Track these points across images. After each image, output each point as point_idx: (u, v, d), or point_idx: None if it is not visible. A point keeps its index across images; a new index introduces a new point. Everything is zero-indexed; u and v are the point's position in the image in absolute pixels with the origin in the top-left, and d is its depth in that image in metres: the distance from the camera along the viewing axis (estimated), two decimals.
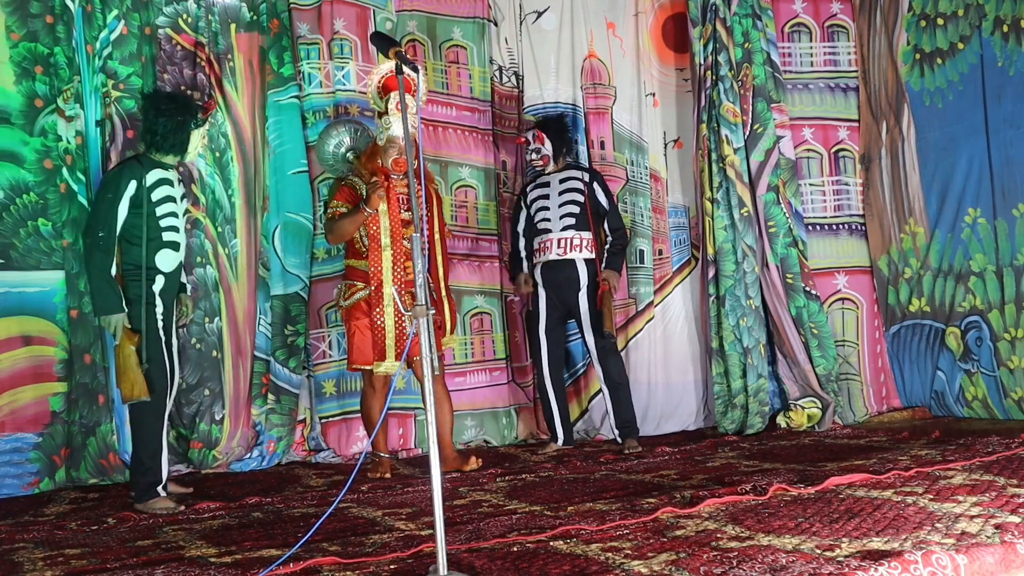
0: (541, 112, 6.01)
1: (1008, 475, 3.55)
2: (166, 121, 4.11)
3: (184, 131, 4.15)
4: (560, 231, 5.27)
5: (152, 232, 4.03)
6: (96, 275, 3.96)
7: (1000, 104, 5.38)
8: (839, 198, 6.12)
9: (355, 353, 4.64)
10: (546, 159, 5.38)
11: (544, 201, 5.36)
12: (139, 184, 3.99)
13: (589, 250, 5.28)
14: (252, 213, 5.26)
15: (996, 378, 5.41)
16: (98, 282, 3.96)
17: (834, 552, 2.58)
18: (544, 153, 5.37)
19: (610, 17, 6.21)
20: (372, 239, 4.61)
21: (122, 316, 3.95)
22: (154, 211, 4.03)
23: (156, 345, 4.02)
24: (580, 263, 5.26)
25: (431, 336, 2.66)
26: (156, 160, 4.13)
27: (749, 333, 5.64)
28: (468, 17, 5.92)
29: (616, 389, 5.23)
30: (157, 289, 4.06)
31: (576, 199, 5.27)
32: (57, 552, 3.21)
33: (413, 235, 2.70)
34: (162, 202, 4.05)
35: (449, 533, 2.85)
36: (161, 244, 4.06)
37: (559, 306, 5.33)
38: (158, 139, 4.13)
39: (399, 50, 3.08)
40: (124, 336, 3.95)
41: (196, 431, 5.01)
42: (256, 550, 3.07)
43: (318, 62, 5.53)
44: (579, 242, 5.26)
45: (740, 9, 5.79)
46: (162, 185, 4.07)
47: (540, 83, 6.07)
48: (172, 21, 5.09)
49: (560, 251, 5.26)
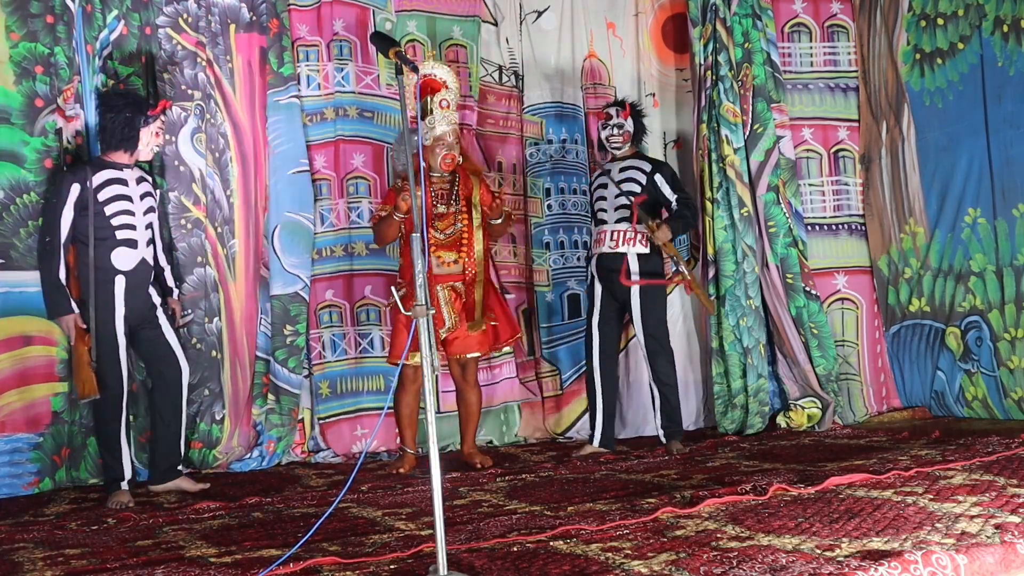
0: (542, 111, 6.01)
1: (1008, 475, 3.55)
2: (114, 116, 4.28)
3: (132, 126, 4.28)
4: (615, 223, 5.13)
5: (103, 232, 4.16)
6: (44, 279, 4.18)
7: (1000, 104, 5.38)
8: (839, 198, 6.12)
9: (393, 348, 4.86)
10: (627, 135, 5.17)
11: (603, 191, 5.23)
12: (83, 186, 4.14)
13: (643, 245, 5.09)
14: (252, 213, 5.26)
15: (996, 378, 5.41)
16: (46, 286, 4.18)
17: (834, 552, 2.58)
18: (627, 129, 5.17)
19: (610, 17, 6.21)
20: (405, 237, 4.75)
21: (72, 317, 4.12)
22: (102, 211, 4.16)
23: (109, 346, 4.16)
24: (632, 258, 5.08)
25: (431, 336, 2.66)
26: (107, 161, 4.28)
27: (749, 333, 5.63)
28: (467, 16, 5.91)
29: (664, 389, 5.09)
30: (119, 290, 4.19)
31: (633, 191, 5.09)
32: (57, 552, 3.21)
33: (413, 235, 2.70)
34: (111, 201, 4.18)
35: (449, 533, 2.85)
36: (116, 243, 4.19)
37: (614, 299, 5.20)
38: (107, 134, 4.28)
39: (399, 50, 3.08)
40: (76, 336, 4.12)
41: (196, 431, 5.01)
42: (256, 550, 3.07)
43: (317, 64, 5.53)
44: (633, 236, 5.09)
45: (740, 9, 5.79)
46: (111, 185, 4.20)
47: (540, 83, 6.08)
48: (172, 21, 5.08)
49: (612, 244, 5.12)
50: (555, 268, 6.00)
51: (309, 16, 5.52)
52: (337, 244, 5.52)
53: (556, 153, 6.04)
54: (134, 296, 4.24)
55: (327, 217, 5.50)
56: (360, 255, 5.52)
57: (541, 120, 6.08)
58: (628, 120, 5.19)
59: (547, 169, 6.03)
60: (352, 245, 5.51)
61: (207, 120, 5.09)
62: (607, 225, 5.17)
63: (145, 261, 4.30)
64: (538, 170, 6.03)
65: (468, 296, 4.79)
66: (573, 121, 6.13)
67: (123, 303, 4.20)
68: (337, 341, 5.48)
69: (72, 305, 4.14)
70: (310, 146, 5.45)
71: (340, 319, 5.50)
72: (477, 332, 4.79)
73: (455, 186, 4.81)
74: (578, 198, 6.07)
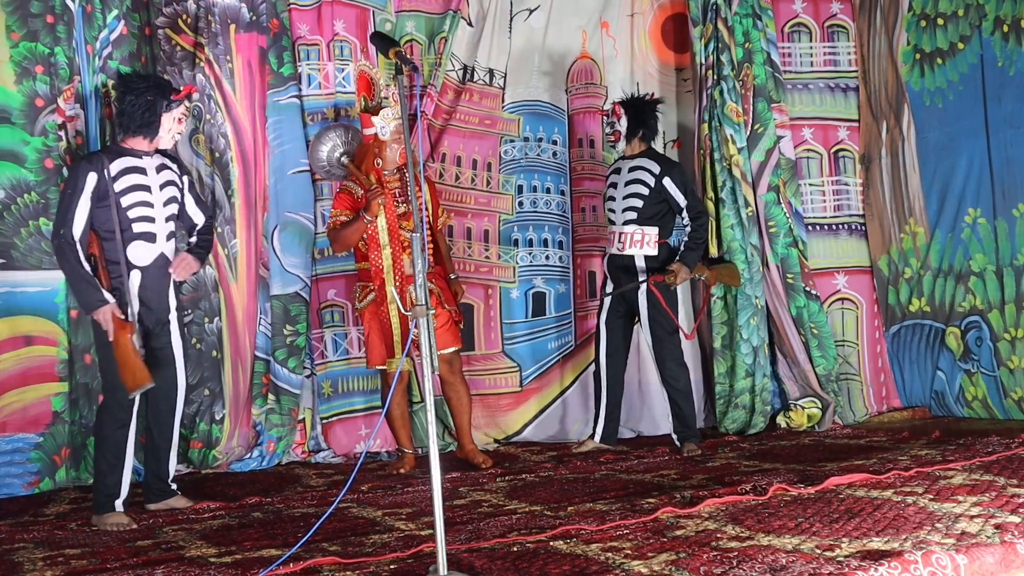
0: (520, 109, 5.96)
1: (1008, 475, 3.55)
2: (134, 99, 3.95)
3: (154, 111, 3.96)
4: (622, 225, 5.12)
5: (121, 224, 3.88)
6: (70, 274, 3.87)
7: (1000, 104, 5.38)
8: (839, 198, 6.12)
9: (370, 353, 4.81)
10: (617, 135, 5.19)
11: (612, 190, 5.22)
12: (100, 175, 3.85)
13: (652, 247, 5.08)
14: (252, 213, 5.26)
15: (996, 378, 5.41)
16: (73, 280, 3.88)
17: (834, 552, 2.58)
18: (617, 129, 5.19)
19: (604, 17, 6.18)
20: (371, 239, 4.70)
21: (108, 308, 3.80)
22: (119, 201, 3.87)
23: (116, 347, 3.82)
24: (639, 259, 5.08)
25: (431, 336, 2.66)
26: (125, 148, 3.98)
27: (757, 332, 5.62)
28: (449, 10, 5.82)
29: (673, 393, 5.08)
30: (134, 286, 3.90)
31: (640, 192, 5.09)
32: (57, 552, 3.22)
33: (413, 235, 2.70)
34: (128, 191, 3.89)
35: (449, 533, 2.85)
36: (132, 236, 3.91)
37: (622, 301, 5.19)
38: (126, 119, 3.97)
39: (399, 50, 3.09)
40: (116, 328, 3.79)
41: (196, 431, 5.01)
42: (256, 550, 3.08)
43: (318, 63, 5.53)
44: (640, 238, 5.07)
45: (740, 9, 5.78)
46: (129, 174, 3.91)
47: (524, 80, 6.02)
48: (172, 21, 5.08)
49: (620, 246, 5.12)
50: (522, 265, 5.93)
51: (309, 16, 5.52)
52: None
53: (531, 151, 6.02)
54: (150, 293, 3.96)
55: (328, 217, 5.50)
56: None
57: (519, 117, 6.04)
58: (621, 119, 5.19)
59: (521, 166, 6.01)
60: None
61: (207, 120, 5.09)
62: (615, 226, 5.18)
63: (164, 256, 3.99)
64: (512, 167, 6.00)
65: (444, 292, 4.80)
66: (552, 121, 6.07)
67: (137, 299, 3.91)
68: (339, 341, 5.48)
69: (105, 295, 3.81)
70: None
71: (342, 319, 5.50)
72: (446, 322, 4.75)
73: (404, 183, 4.77)
74: (551, 197, 6.01)
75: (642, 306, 5.10)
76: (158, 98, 3.97)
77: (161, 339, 4.04)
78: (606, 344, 5.22)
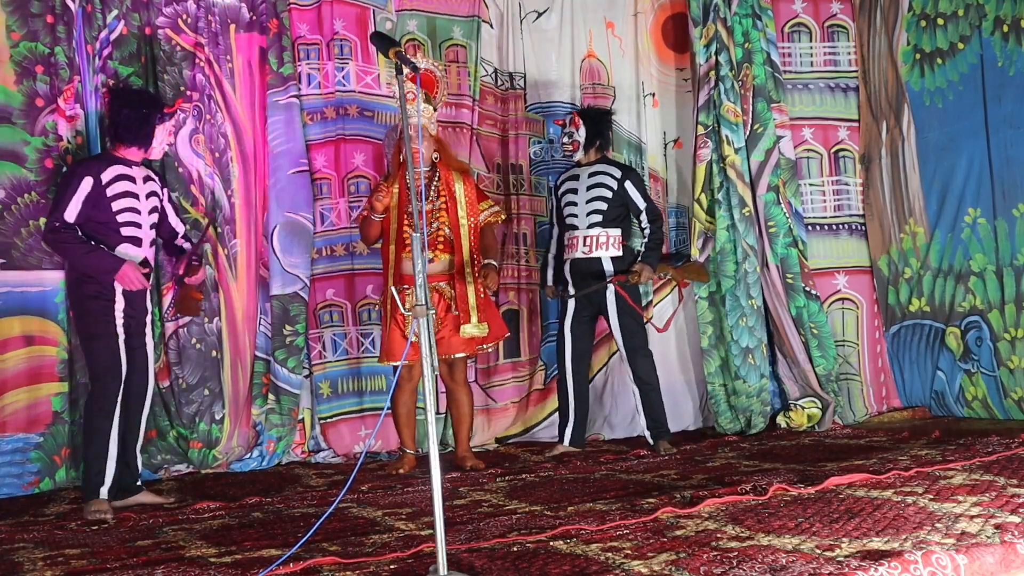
0: (541, 110, 6.01)
1: (1008, 475, 3.55)
2: (130, 112, 4.16)
3: (149, 123, 4.19)
4: (586, 228, 5.20)
5: (111, 227, 4.08)
6: (74, 255, 4.06)
7: (1000, 104, 5.38)
8: (839, 198, 6.12)
9: (382, 349, 4.83)
10: (576, 145, 5.27)
11: (572, 196, 5.28)
12: (96, 181, 4.05)
13: (616, 248, 5.19)
14: (252, 213, 5.26)
15: (996, 378, 5.41)
16: (81, 258, 4.05)
17: (834, 552, 2.58)
18: (576, 139, 5.27)
19: (609, 16, 6.20)
20: (384, 236, 4.76)
21: (127, 264, 4.02)
22: (109, 206, 4.07)
23: (109, 340, 4.03)
24: (606, 261, 5.17)
25: (431, 336, 2.66)
26: (117, 157, 4.18)
27: (751, 333, 5.63)
28: (467, 16, 5.91)
29: (646, 390, 5.15)
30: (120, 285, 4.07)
31: (603, 195, 5.18)
32: (57, 552, 3.22)
33: (413, 235, 2.70)
34: (118, 198, 4.09)
35: (449, 533, 2.85)
36: (121, 239, 4.10)
37: (588, 304, 5.25)
38: (121, 130, 4.18)
39: (399, 50, 3.08)
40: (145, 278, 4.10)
41: (196, 431, 5.01)
42: (256, 550, 3.08)
43: (317, 63, 5.53)
44: (605, 240, 5.18)
45: (740, 9, 5.79)
46: (120, 181, 4.11)
47: (539, 83, 6.08)
48: (172, 21, 5.08)
49: (586, 249, 5.20)
50: None
51: (309, 15, 5.52)
52: (338, 243, 5.52)
53: (556, 152, 6.06)
54: (134, 295, 4.11)
55: (328, 216, 5.50)
56: (361, 254, 5.51)
57: (542, 119, 6.09)
58: (579, 130, 5.28)
59: (549, 167, 6.05)
60: (353, 244, 5.51)
61: (207, 120, 5.10)
62: (578, 231, 5.23)
63: (147, 261, 4.21)
64: (541, 168, 6.04)
65: (460, 299, 4.70)
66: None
67: (123, 297, 4.07)
68: (338, 341, 5.48)
69: (119, 257, 4.03)
70: (311, 145, 5.45)
71: (341, 319, 5.50)
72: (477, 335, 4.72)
73: (433, 182, 4.78)
74: None
75: (610, 304, 5.18)
76: (153, 111, 4.24)
77: (140, 339, 4.20)
78: (571, 350, 5.29)
